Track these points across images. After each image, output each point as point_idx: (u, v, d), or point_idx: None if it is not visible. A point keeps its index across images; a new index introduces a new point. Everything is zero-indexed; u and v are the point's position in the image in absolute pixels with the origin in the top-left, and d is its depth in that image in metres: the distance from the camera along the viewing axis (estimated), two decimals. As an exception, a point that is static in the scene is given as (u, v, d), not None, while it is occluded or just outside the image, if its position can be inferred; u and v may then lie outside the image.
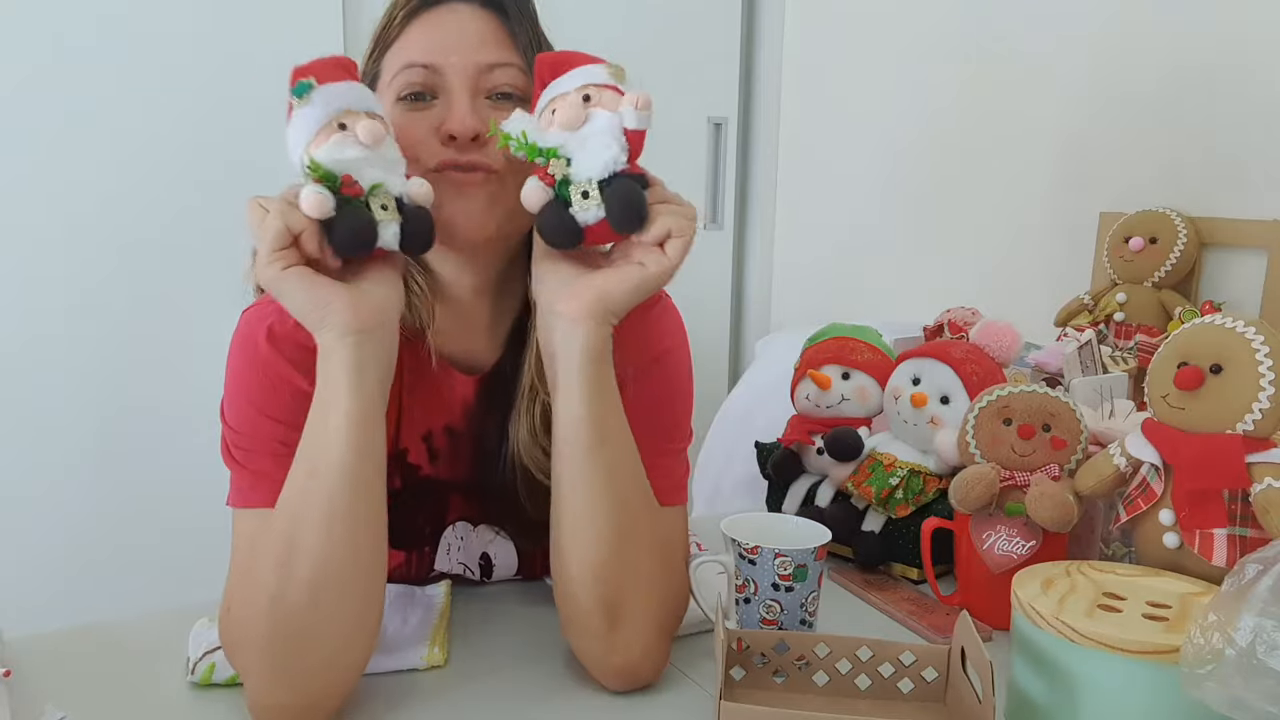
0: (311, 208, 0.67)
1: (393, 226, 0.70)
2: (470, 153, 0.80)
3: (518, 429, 0.88)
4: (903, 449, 1.07)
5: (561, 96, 0.73)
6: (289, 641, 0.70)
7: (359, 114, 0.70)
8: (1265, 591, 0.56)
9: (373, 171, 0.70)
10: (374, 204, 0.70)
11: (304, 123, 0.70)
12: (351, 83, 0.72)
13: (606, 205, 0.71)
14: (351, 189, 0.69)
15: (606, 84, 0.73)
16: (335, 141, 0.69)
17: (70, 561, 1.79)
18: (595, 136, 0.72)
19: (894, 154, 2.04)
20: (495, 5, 0.83)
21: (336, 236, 0.68)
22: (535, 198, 0.73)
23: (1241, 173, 1.43)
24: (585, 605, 0.77)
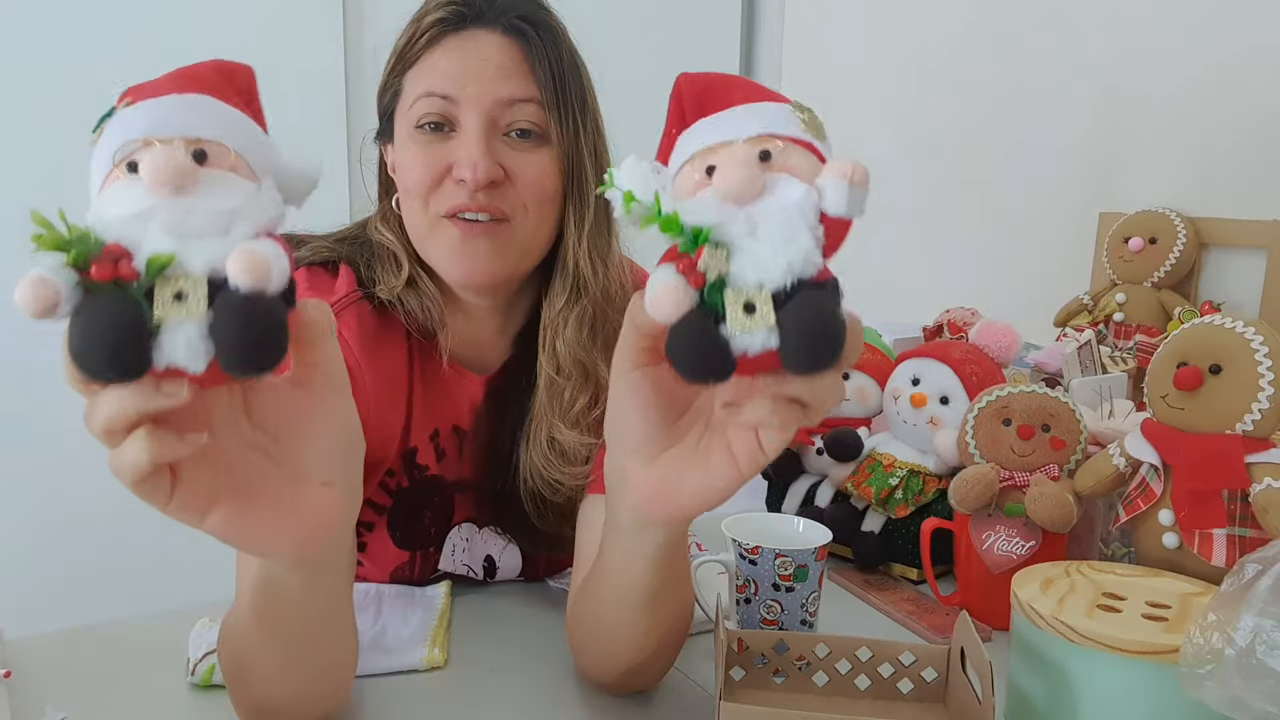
0: (22, 300, 0.40)
1: (185, 328, 0.41)
2: (483, 197, 0.80)
3: (529, 452, 0.88)
4: (902, 449, 1.07)
5: (723, 147, 0.48)
6: (257, 711, 0.68)
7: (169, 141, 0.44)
8: (1265, 591, 0.56)
9: (165, 238, 0.42)
10: (161, 292, 0.41)
11: (95, 165, 0.46)
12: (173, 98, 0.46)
13: (783, 330, 0.45)
14: (109, 266, 0.41)
15: (796, 137, 0.48)
16: (112, 191, 0.44)
17: (70, 561, 1.79)
18: (776, 218, 0.46)
19: (894, 154, 2.04)
20: (518, 32, 0.82)
21: (69, 347, 0.41)
22: (671, 303, 0.46)
23: (1241, 173, 1.43)
24: (606, 680, 0.77)
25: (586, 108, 0.85)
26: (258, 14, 1.81)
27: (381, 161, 0.92)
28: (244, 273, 0.41)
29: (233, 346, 0.41)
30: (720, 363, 0.46)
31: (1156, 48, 1.55)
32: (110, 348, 0.40)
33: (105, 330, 0.40)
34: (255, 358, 0.42)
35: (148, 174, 0.42)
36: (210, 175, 0.44)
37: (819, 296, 0.45)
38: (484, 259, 0.82)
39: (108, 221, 0.42)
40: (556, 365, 0.86)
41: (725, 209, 0.46)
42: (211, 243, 0.42)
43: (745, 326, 0.45)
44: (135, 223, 0.42)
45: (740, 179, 0.46)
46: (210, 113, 0.46)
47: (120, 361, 0.41)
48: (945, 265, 1.96)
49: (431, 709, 0.77)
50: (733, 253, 0.46)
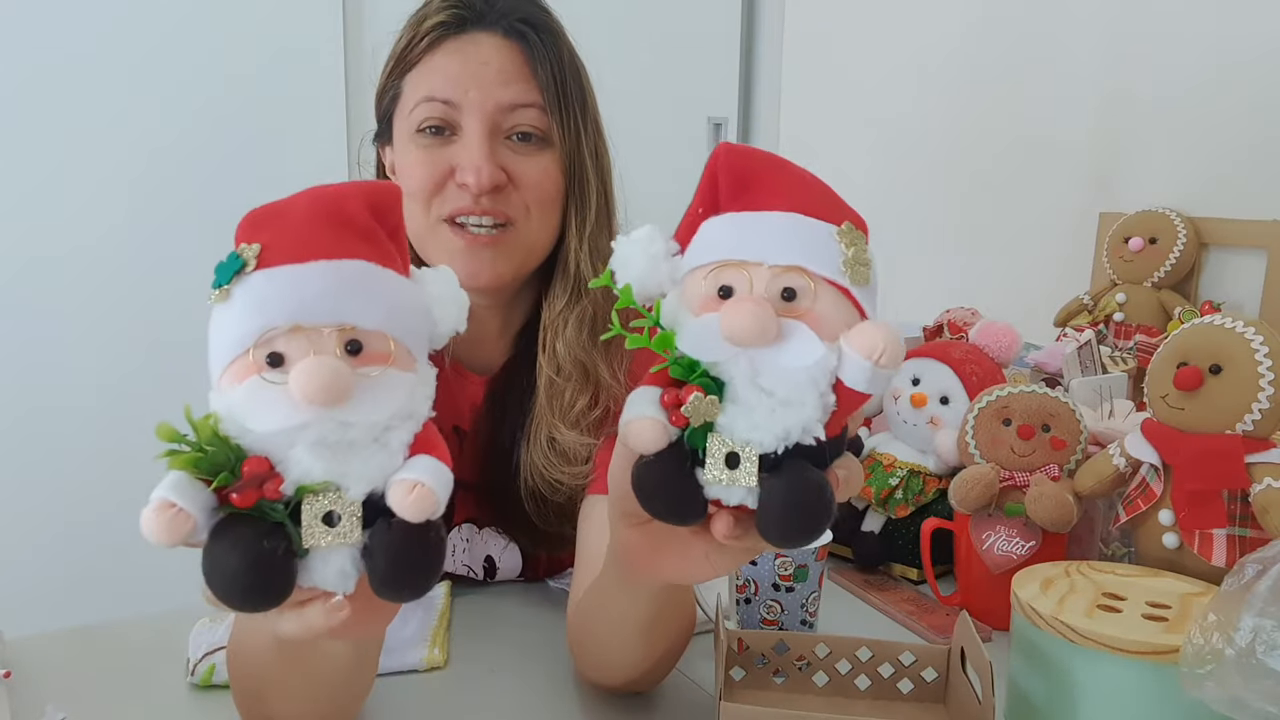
0: (149, 530, 0.37)
1: (339, 555, 0.39)
2: (485, 201, 0.80)
3: (529, 452, 0.88)
4: (902, 449, 1.07)
5: (741, 267, 0.41)
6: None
7: (319, 331, 0.38)
8: (1265, 591, 0.56)
9: (313, 458, 0.38)
10: (308, 512, 0.38)
11: (218, 336, 0.40)
12: (321, 267, 0.39)
13: (763, 497, 0.41)
14: (253, 490, 0.37)
15: (832, 279, 0.41)
16: (248, 393, 0.38)
17: (70, 561, 1.79)
18: (782, 375, 0.40)
19: (894, 154, 2.04)
20: (518, 34, 0.82)
21: (206, 578, 0.38)
22: (648, 439, 0.42)
23: (1241, 173, 1.43)
24: (606, 686, 0.77)
25: (587, 108, 0.85)
26: (257, 14, 1.81)
27: (379, 163, 0.91)
28: (412, 509, 0.38)
29: (390, 577, 0.39)
30: (689, 507, 0.43)
31: (1157, 48, 1.55)
32: (254, 586, 0.37)
33: (250, 569, 0.37)
34: (412, 586, 0.40)
35: (300, 391, 0.37)
36: (366, 379, 0.38)
37: (807, 475, 0.40)
38: (487, 263, 0.82)
39: (247, 429, 0.37)
40: (557, 366, 0.86)
41: (727, 348, 0.40)
42: (367, 459, 0.39)
43: (724, 480, 0.41)
44: (281, 438, 0.38)
45: (750, 324, 0.39)
46: (368, 288, 0.40)
47: (263, 598, 0.38)
48: (945, 265, 1.96)
49: (431, 709, 0.77)
50: (725, 398, 0.41)
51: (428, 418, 0.41)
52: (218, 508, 0.38)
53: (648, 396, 0.42)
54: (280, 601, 0.38)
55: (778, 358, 0.40)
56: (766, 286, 0.41)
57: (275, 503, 0.38)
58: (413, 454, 0.40)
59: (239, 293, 0.39)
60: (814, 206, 0.43)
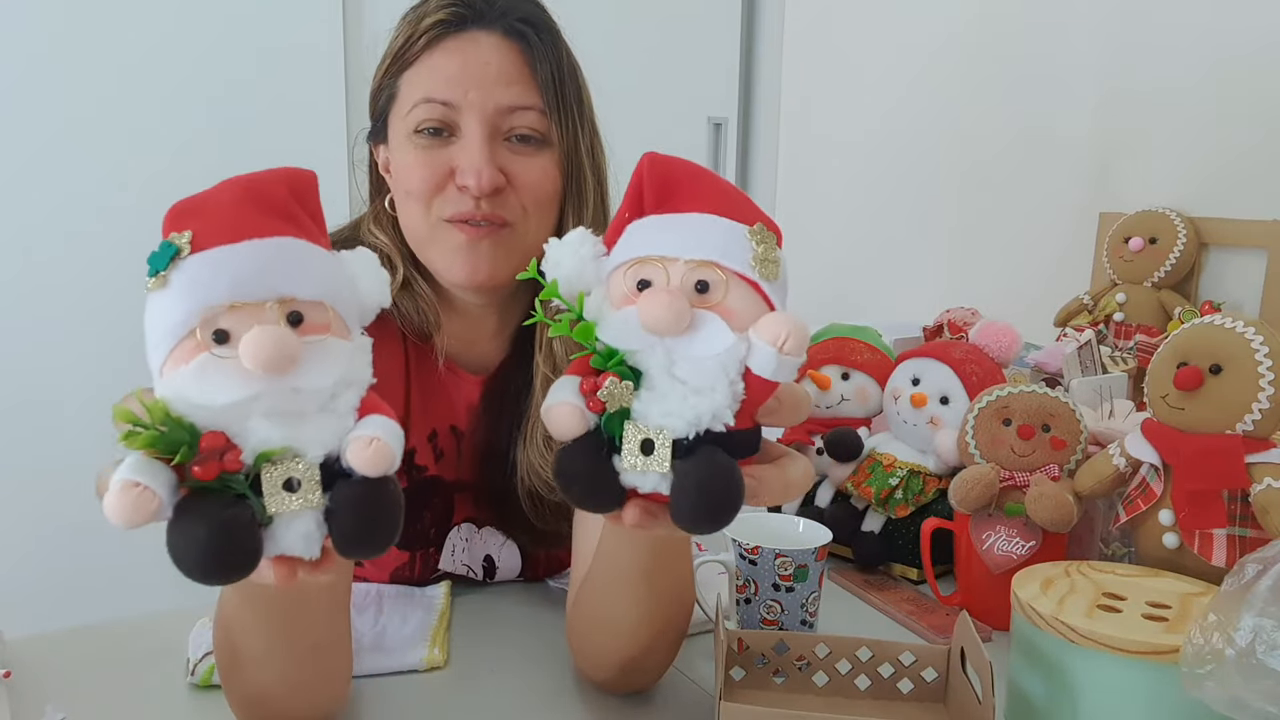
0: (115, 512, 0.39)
1: (303, 520, 0.40)
2: (485, 205, 0.80)
3: (526, 452, 0.88)
4: (902, 449, 1.07)
5: (662, 262, 0.44)
6: (252, 704, 0.67)
7: (260, 306, 0.39)
8: (1265, 591, 0.56)
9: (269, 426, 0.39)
10: (268, 480, 0.39)
11: (158, 321, 0.40)
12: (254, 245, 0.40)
13: (675, 483, 0.43)
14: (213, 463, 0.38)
15: (742, 273, 0.43)
16: (197, 370, 0.39)
17: (70, 561, 1.79)
18: (695, 363, 0.42)
19: (894, 154, 2.04)
20: (518, 34, 0.81)
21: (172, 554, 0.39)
22: (565, 424, 0.44)
23: (1241, 173, 1.43)
24: (604, 676, 0.77)
25: (584, 108, 0.85)
26: (257, 13, 1.81)
27: (372, 160, 0.91)
28: (370, 466, 0.39)
29: (354, 535, 0.40)
30: (606, 494, 0.44)
31: (1157, 47, 1.55)
32: (223, 557, 0.38)
33: (217, 541, 0.38)
34: (377, 543, 0.40)
35: (251, 359, 0.37)
36: (311, 346, 0.40)
37: (717, 460, 0.42)
38: (486, 261, 0.82)
39: (199, 406, 0.38)
40: (553, 365, 0.86)
41: (644, 337, 0.43)
42: (320, 424, 0.40)
43: (638, 466, 0.43)
44: (235, 410, 0.38)
45: (664, 313, 0.42)
46: (301, 262, 0.41)
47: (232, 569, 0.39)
48: (945, 265, 1.96)
49: (431, 709, 0.77)
50: (641, 385, 0.43)
51: (370, 384, 0.42)
52: (179, 485, 0.38)
53: (568, 384, 0.44)
54: (249, 571, 0.39)
55: (690, 347, 0.42)
56: (682, 279, 0.43)
57: (235, 474, 0.38)
58: (361, 416, 0.41)
59: (176, 278, 0.40)
60: (729, 208, 0.45)
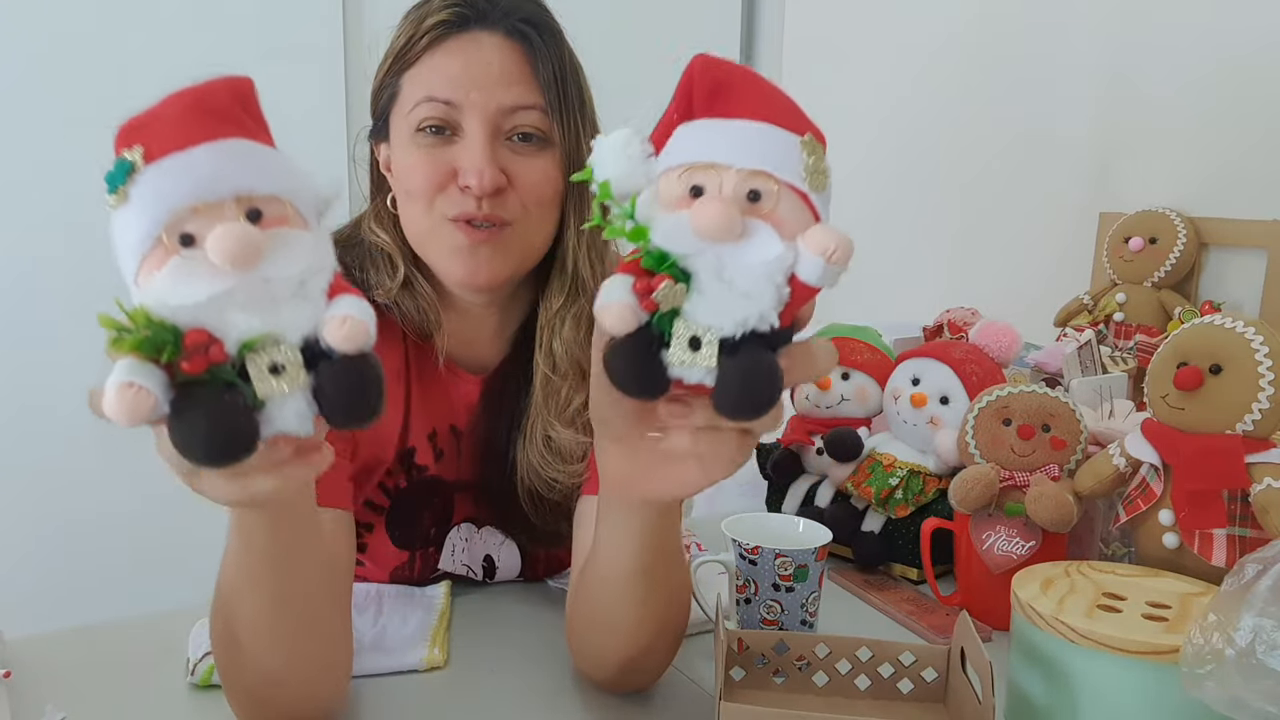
0: (117, 412, 0.39)
1: (294, 399, 0.42)
2: (487, 205, 0.80)
3: (525, 451, 0.88)
4: (902, 449, 1.07)
5: (715, 169, 0.45)
6: (250, 692, 0.67)
7: (220, 205, 0.41)
8: (1265, 591, 0.56)
9: (246, 316, 0.41)
10: (254, 367, 0.41)
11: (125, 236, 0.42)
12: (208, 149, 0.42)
13: (720, 377, 0.45)
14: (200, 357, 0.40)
15: (793, 185, 0.45)
16: (171, 273, 0.40)
17: (70, 561, 1.79)
18: (744, 269, 0.44)
19: (894, 154, 2.04)
20: (520, 34, 0.81)
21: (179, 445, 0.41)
22: (619, 320, 0.46)
23: (1241, 173, 1.43)
24: (604, 675, 0.77)
25: (585, 108, 0.85)
26: (256, 12, 1.81)
27: (373, 159, 0.91)
28: (347, 342, 0.42)
29: (343, 407, 0.42)
30: (654, 384, 0.47)
31: (1157, 47, 1.55)
32: (224, 442, 0.40)
33: (217, 424, 0.40)
34: (364, 413, 0.43)
35: (219, 256, 0.39)
36: (273, 238, 0.41)
37: (760, 356, 0.45)
38: (485, 263, 0.82)
39: (178, 307, 0.40)
40: (553, 364, 0.86)
41: (696, 242, 0.45)
42: (294, 310, 0.42)
43: (687, 361, 0.45)
44: (212, 305, 0.40)
45: (718, 221, 0.43)
46: (253, 161, 0.43)
47: (236, 449, 0.41)
48: (945, 265, 1.96)
49: (431, 709, 0.77)
50: (692, 288, 0.45)
51: (335, 269, 0.44)
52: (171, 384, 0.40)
53: (621, 283, 0.46)
54: (250, 450, 0.41)
55: (741, 253, 0.44)
56: (734, 188, 0.45)
57: (222, 365, 0.40)
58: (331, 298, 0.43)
59: (135, 191, 0.41)
60: (781, 117, 0.47)
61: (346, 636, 0.71)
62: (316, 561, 0.64)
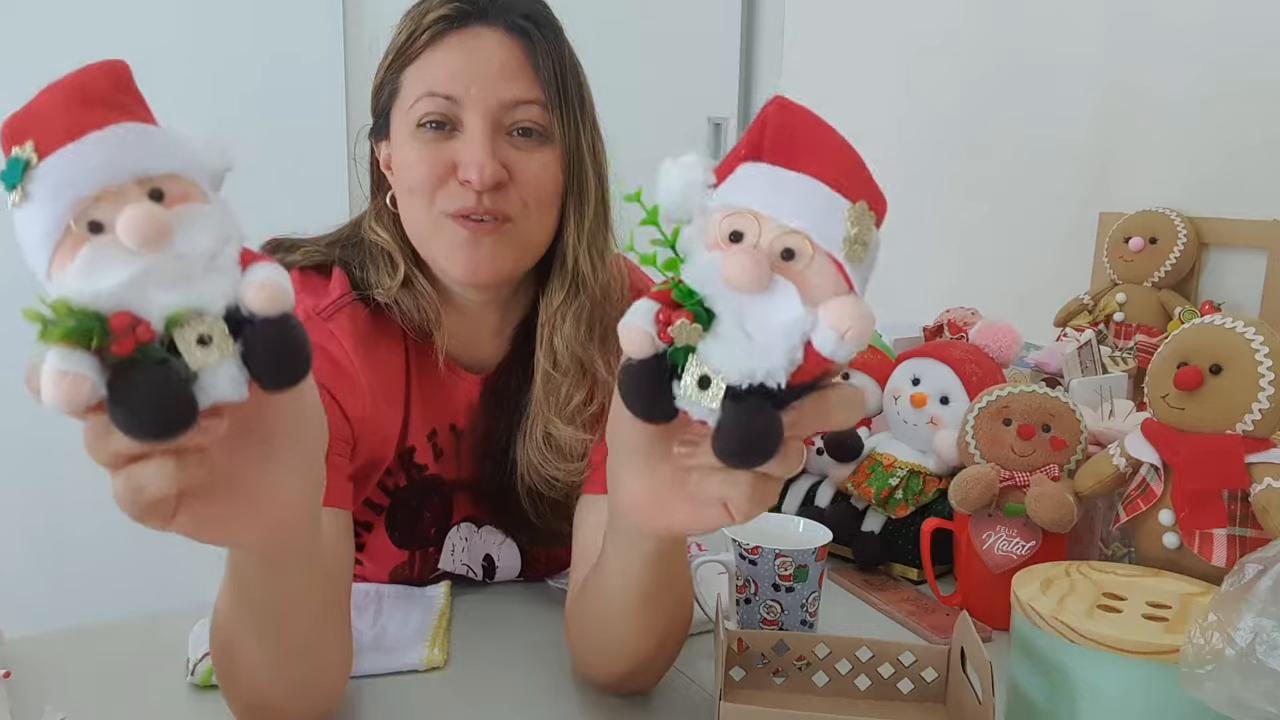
0: (56, 400, 0.40)
1: (225, 368, 0.43)
2: (487, 199, 0.80)
3: (525, 448, 0.88)
4: (902, 449, 1.07)
5: (754, 218, 0.46)
6: (248, 708, 0.68)
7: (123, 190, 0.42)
8: (1265, 591, 0.56)
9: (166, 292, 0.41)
10: (182, 341, 0.42)
11: (30, 232, 0.42)
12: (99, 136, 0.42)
13: (721, 422, 0.47)
14: (128, 338, 0.40)
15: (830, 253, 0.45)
16: (86, 260, 0.41)
17: (71, 562, 1.79)
18: (762, 322, 0.45)
19: (894, 153, 2.04)
20: (520, 30, 0.81)
21: (123, 425, 0.41)
22: (636, 345, 0.47)
23: (1241, 173, 1.43)
24: (604, 681, 0.77)
25: (585, 105, 0.85)
26: (256, 13, 1.81)
27: (373, 158, 0.91)
28: (269, 304, 0.42)
29: (272, 369, 0.44)
30: (660, 410, 0.48)
31: (1157, 47, 1.55)
32: (166, 414, 0.41)
33: (157, 400, 0.41)
34: (293, 372, 0.44)
35: (130, 238, 0.40)
36: (180, 214, 0.42)
37: (760, 411, 0.46)
38: (486, 257, 0.82)
39: (97, 293, 0.40)
40: (554, 360, 0.86)
41: (722, 287, 0.45)
42: (211, 281, 0.42)
43: (693, 397, 0.47)
44: (131, 287, 0.41)
45: (745, 274, 0.44)
46: (145, 143, 0.44)
47: (178, 422, 0.41)
48: (945, 265, 1.96)
49: (431, 709, 0.77)
50: (711, 329, 0.46)
51: (242, 238, 0.45)
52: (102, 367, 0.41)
53: (646, 309, 0.47)
54: (193, 420, 0.42)
55: (762, 307, 0.45)
56: (770, 242, 0.45)
57: (151, 344, 0.41)
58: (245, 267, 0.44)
59: (35, 187, 0.41)
60: (839, 178, 0.46)
61: (345, 652, 0.71)
62: (312, 590, 0.63)
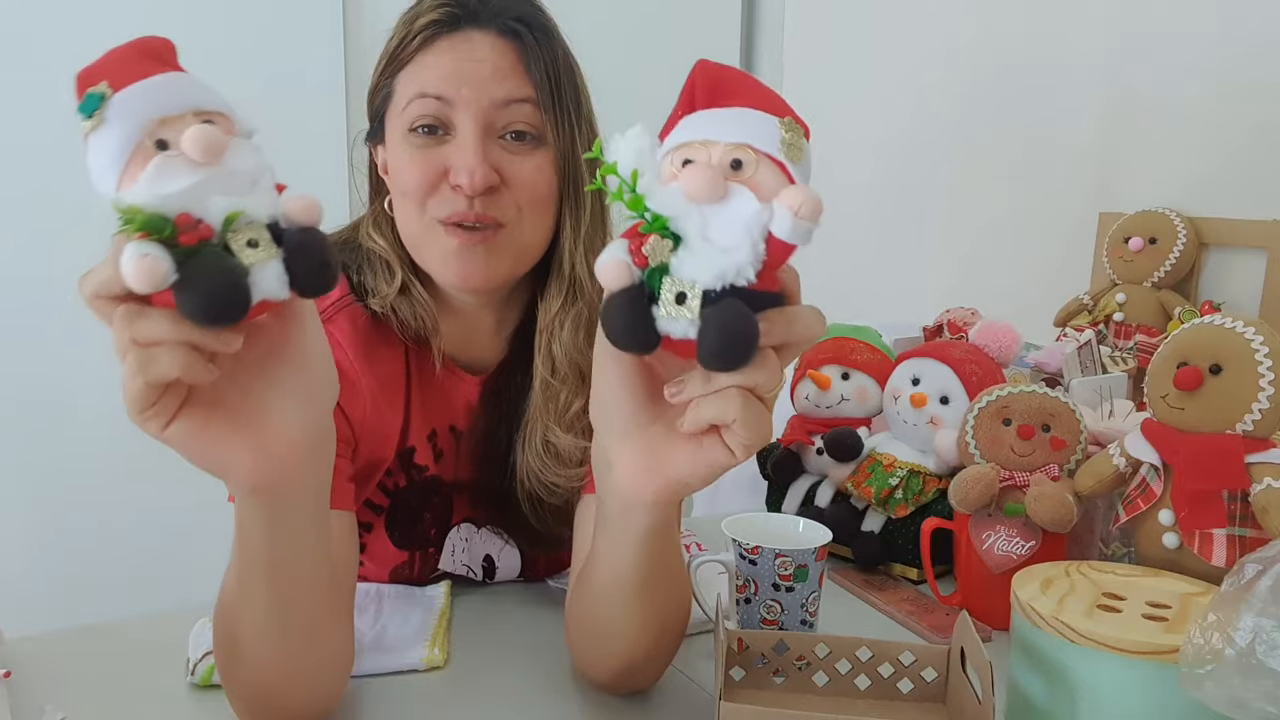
0: (138, 279, 0.46)
1: (272, 266, 0.49)
2: (479, 204, 0.80)
3: (525, 454, 0.88)
4: (902, 449, 1.07)
5: (704, 145, 0.51)
6: (250, 700, 0.68)
7: (182, 118, 0.49)
8: (1265, 591, 0.56)
9: (222, 199, 0.49)
10: (235, 243, 0.49)
11: (104, 152, 0.49)
12: (164, 76, 0.51)
13: (702, 328, 0.49)
14: (193, 232, 0.47)
15: (771, 154, 0.50)
16: (155, 170, 0.48)
17: (70, 561, 1.80)
18: (725, 227, 0.49)
19: (894, 154, 2.04)
20: (512, 33, 0.81)
21: (189, 307, 0.47)
22: (614, 276, 0.51)
23: (1241, 173, 1.43)
24: (604, 679, 0.77)
25: (581, 108, 0.85)
26: (257, 14, 1.81)
27: (371, 162, 0.91)
28: (306, 213, 0.51)
29: (308, 274, 0.50)
30: (644, 336, 0.51)
31: (1157, 48, 1.55)
32: (229, 297, 0.47)
33: (222, 284, 0.47)
34: (325, 280, 0.51)
35: (196, 150, 0.48)
36: (229, 138, 0.50)
37: (736, 308, 0.49)
38: (480, 265, 0.82)
39: (166, 196, 0.47)
40: (552, 368, 0.86)
41: (685, 205, 0.50)
42: (257, 198, 0.50)
43: (672, 314, 0.50)
44: (193, 193, 0.48)
45: (702, 183, 0.49)
46: (199, 87, 0.52)
47: (237, 307, 0.48)
48: (945, 265, 1.96)
49: (431, 709, 0.77)
50: (680, 247, 0.50)
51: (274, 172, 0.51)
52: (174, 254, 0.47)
53: (619, 245, 0.52)
54: (247, 308, 0.48)
55: (722, 213, 0.50)
56: (719, 158, 0.51)
57: (210, 240, 0.48)
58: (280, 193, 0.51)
59: (110, 113, 0.49)
60: (765, 104, 0.52)
61: (347, 643, 0.72)
62: (316, 566, 0.64)
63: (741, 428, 0.52)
